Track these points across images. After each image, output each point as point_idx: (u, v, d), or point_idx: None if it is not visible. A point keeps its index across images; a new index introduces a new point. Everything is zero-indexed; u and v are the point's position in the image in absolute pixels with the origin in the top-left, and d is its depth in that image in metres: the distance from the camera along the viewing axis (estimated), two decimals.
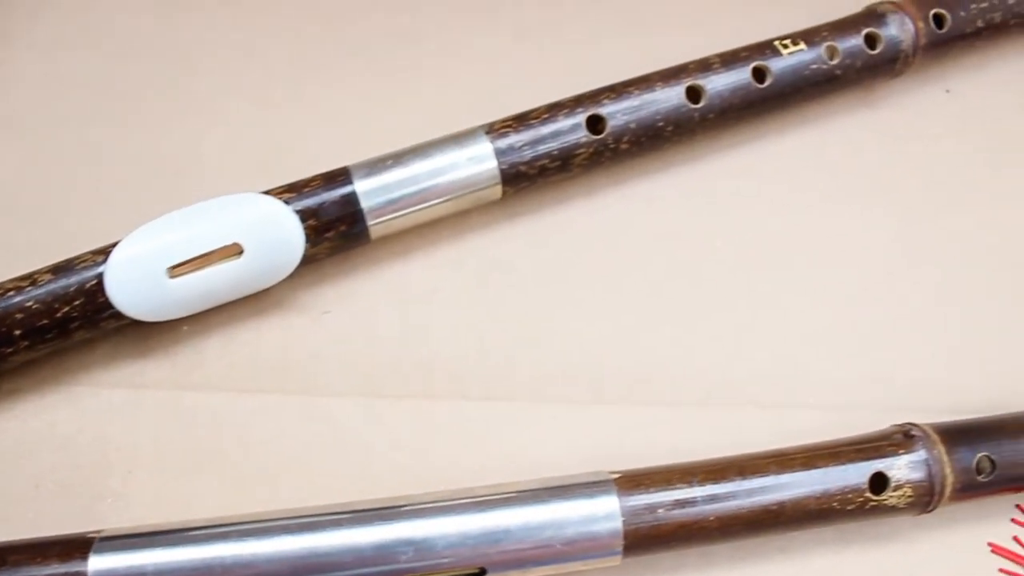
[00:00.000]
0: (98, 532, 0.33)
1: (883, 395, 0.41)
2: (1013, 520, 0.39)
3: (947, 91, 0.47)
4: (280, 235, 0.37)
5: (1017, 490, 0.38)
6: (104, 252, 0.36)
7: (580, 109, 0.39)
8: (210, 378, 0.39)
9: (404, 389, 0.39)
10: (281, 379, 0.39)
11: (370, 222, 0.38)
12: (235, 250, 0.36)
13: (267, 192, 0.37)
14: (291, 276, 0.38)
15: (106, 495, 0.36)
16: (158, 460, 0.37)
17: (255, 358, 0.39)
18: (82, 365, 0.38)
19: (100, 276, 0.36)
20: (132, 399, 0.38)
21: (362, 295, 0.40)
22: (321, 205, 0.37)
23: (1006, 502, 0.39)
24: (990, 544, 0.39)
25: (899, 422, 0.38)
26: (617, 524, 0.34)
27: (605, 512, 0.34)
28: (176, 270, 0.36)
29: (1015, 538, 0.39)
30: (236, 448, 0.37)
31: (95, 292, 0.36)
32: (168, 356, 0.39)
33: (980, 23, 0.44)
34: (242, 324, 0.39)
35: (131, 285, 0.36)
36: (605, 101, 0.40)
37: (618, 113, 0.40)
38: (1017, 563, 0.39)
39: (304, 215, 0.37)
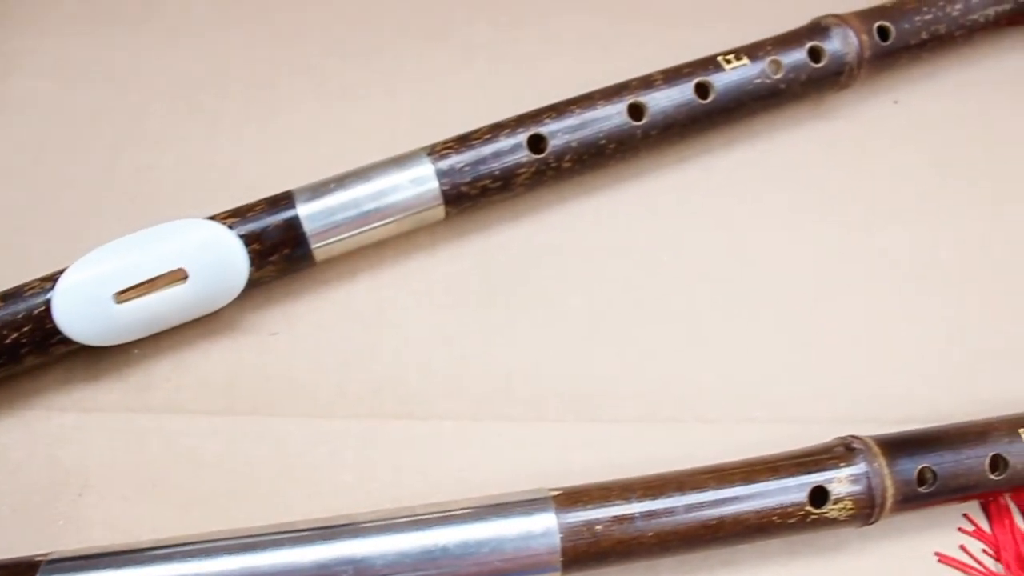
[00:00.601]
0: (45, 555, 0.33)
1: (832, 408, 0.41)
2: (960, 529, 0.40)
3: (895, 102, 0.47)
4: (224, 260, 0.37)
5: (961, 500, 0.39)
6: (52, 279, 0.37)
7: (521, 129, 0.40)
8: (160, 400, 0.39)
9: (351, 409, 0.39)
10: (230, 400, 0.39)
11: (313, 245, 0.38)
12: (180, 275, 0.37)
13: (212, 217, 0.38)
14: (239, 298, 0.39)
15: (57, 518, 0.37)
16: (109, 482, 0.38)
17: (204, 380, 0.40)
18: (34, 389, 0.39)
19: (48, 303, 0.36)
20: (83, 422, 0.38)
21: (309, 316, 0.41)
22: (265, 229, 0.38)
23: (953, 511, 0.40)
24: (937, 554, 0.39)
25: (846, 434, 0.38)
26: (555, 541, 0.34)
27: (543, 529, 0.34)
28: (122, 296, 0.37)
29: (962, 547, 0.39)
30: (186, 469, 0.38)
31: (43, 318, 0.36)
32: (119, 379, 0.39)
33: (925, 35, 0.44)
34: (192, 346, 0.40)
35: (78, 311, 0.36)
36: (547, 120, 0.40)
37: (559, 132, 0.40)
38: (964, 572, 0.39)
39: (248, 239, 0.38)
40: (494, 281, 0.42)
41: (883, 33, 0.44)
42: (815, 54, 0.43)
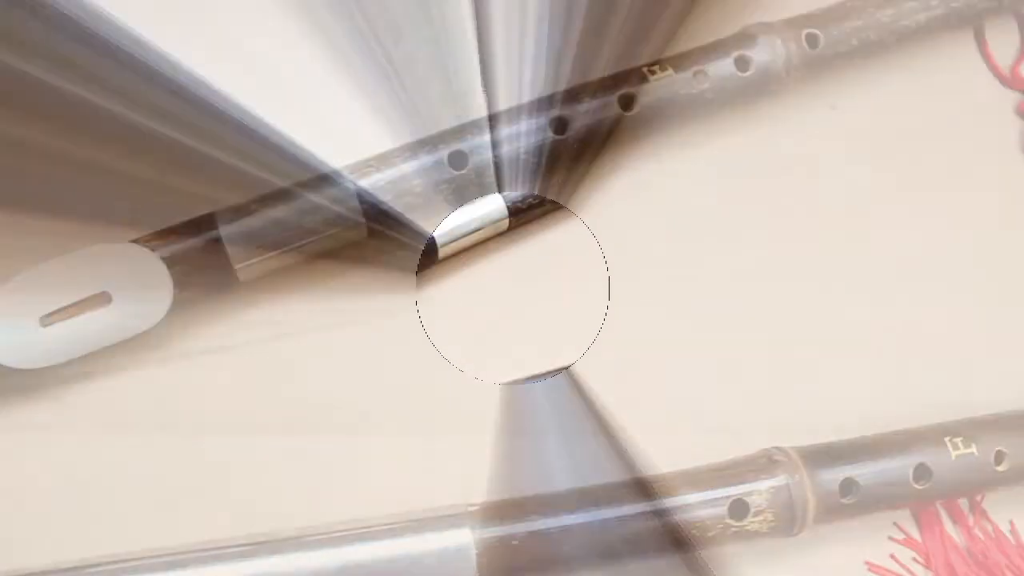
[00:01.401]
0: None
1: (763, 418, 0.41)
2: (890, 538, 0.40)
3: (832, 107, 0.47)
4: (147, 282, 0.38)
5: (886, 510, 0.39)
6: None
7: (443, 146, 0.40)
8: (91, 420, 0.39)
9: (279, 426, 0.39)
10: (159, 419, 0.40)
11: (236, 265, 0.39)
12: (104, 298, 0.38)
13: (135, 240, 0.38)
14: (167, 318, 0.39)
15: None
16: (37, 503, 0.38)
17: (134, 400, 0.40)
18: None
19: None
20: (13, 443, 0.39)
21: (236, 335, 0.41)
22: (187, 251, 0.38)
23: (883, 519, 0.39)
24: (867, 563, 0.39)
25: (777, 445, 0.38)
26: (471, 556, 0.34)
27: (458, 545, 0.34)
28: (48, 319, 0.37)
29: (892, 556, 0.39)
30: (115, 489, 0.38)
31: None
32: (50, 400, 0.40)
33: (855, 42, 0.44)
34: (121, 367, 0.40)
35: (4, 335, 0.37)
36: (468, 136, 0.40)
37: (480, 148, 0.40)
38: None
39: (171, 261, 0.38)
40: (416, 295, 0.42)
41: (812, 41, 0.44)
42: (742, 63, 0.43)
